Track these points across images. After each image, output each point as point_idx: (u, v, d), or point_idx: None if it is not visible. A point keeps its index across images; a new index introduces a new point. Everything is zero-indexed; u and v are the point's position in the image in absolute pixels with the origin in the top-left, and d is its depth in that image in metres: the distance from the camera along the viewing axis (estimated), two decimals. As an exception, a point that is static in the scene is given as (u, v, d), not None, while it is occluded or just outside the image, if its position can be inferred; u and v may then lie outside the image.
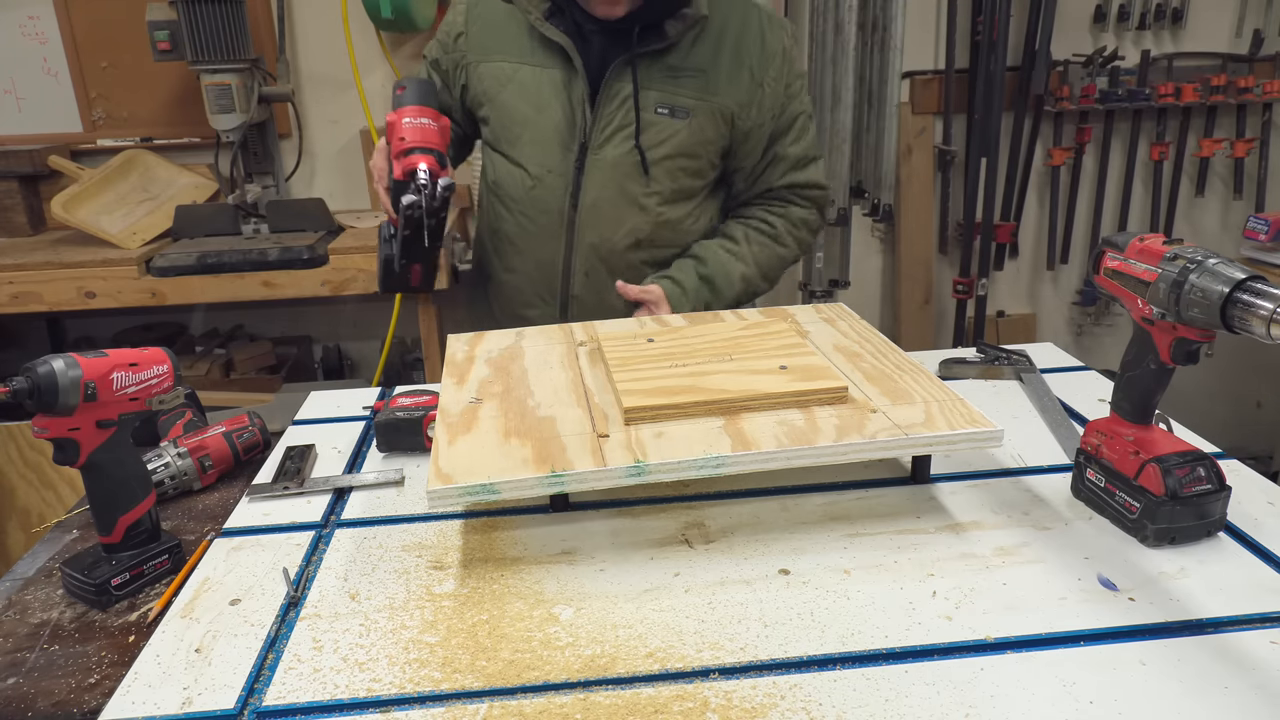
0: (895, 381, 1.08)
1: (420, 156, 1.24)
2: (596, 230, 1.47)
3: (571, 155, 1.45)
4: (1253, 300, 0.77)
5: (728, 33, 1.44)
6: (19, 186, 2.54)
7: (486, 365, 1.21)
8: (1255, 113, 2.90)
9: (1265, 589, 0.85)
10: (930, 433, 0.95)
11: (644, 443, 0.96)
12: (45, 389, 0.85)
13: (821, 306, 1.40)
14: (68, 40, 2.61)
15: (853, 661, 0.78)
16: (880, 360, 1.15)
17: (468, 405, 1.08)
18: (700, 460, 0.92)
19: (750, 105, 1.46)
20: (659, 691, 0.75)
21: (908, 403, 1.02)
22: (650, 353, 1.16)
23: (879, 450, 0.95)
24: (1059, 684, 0.74)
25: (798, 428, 0.97)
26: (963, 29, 2.75)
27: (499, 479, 0.91)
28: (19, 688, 0.81)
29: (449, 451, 0.97)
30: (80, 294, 2.28)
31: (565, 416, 1.03)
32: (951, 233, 2.98)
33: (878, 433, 0.95)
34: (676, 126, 1.43)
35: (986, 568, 0.90)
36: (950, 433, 0.95)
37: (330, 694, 0.76)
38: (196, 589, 0.92)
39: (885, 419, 0.98)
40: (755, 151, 1.51)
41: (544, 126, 1.45)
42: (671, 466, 0.92)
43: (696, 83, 1.43)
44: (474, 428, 1.02)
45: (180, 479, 1.13)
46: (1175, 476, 0.91)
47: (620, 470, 0.91)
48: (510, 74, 1.46)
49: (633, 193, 1.45)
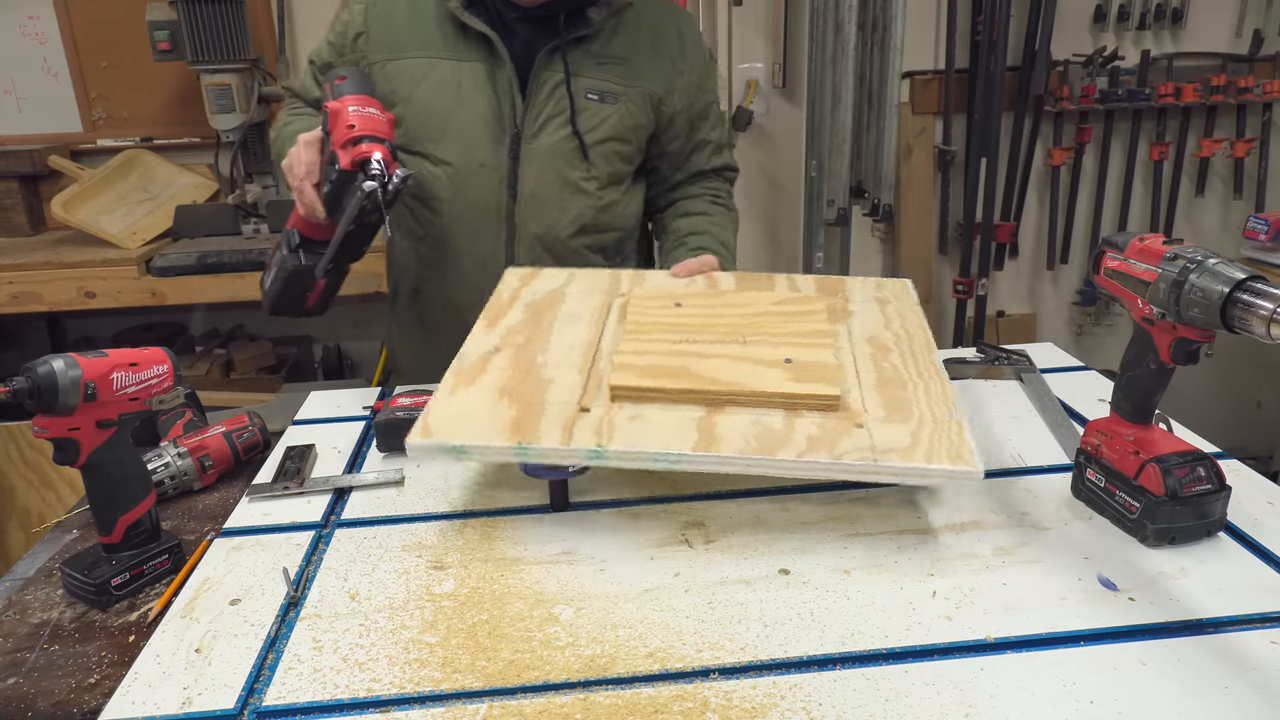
0: (904, 390, 1.02)
1: (372, 145, 1.15)
2: (540, 219, 1.46)
3: (504, 146, 1.43)
4: (1253, 300, 0.77)
5: (644, 24, 1.48)
6: (19, 186, 2.54)
7: (524, 309, 1.23)
8: (1255, 113, 2.90)
9: (1265, 589, 0.85)
10: (902, 463, 0.89)
11: (615, 425, 0.96)
12: (45, 389, 0.85)
13: (885, 282, 1.33)
14: (68, 40, 2.60)
15: (853, 661, 0.78)
16: (904, 361, 1.09)
17: (484, 353, 1.11)
18: (657, 454, 0.92)
19: (672, 92, 1.50)
20: (659, 691, 0.75)
21: (902, 420, 0.96)
22: (670, 319, 1.16)
23: (841, 472, 0.90)
24: (1059, 684, 0.74)
25: (770, 434, 0.94)
26: (963, 29, 2.75)
27: (470, 442, 0.94)
28: (19, 688, 0.81)
29: (446, 403, 1.01)
30: (80, 294, 2.28)
31: (562, 381, 1.04)
32: (951, 233, 2.98)
33: (845, 454, 0.90)
34: (607, 111, 1.45)
35: (986, 568, 0.90)
36: (925, 466, 0.88)
37: (330, 694, 0.76)
38: (196, 589, 0.92)
39: (865, 437, 0.93)
40: (679, 136, 1.55)
41: (468, 120, 1.42)
42: (630, 455, 0.92)
43: (621, 69, 1.45)
44: (478, 380, 1.05)
45: (180, 479, 1.13)
46: (1175, 476, 0.91)
47: (581, 451, 0.93)
48: (426, 69, 1.42)
49: (572, 178, 1.46)
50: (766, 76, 2.80)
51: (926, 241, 2.97)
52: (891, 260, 3.02)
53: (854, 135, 2.68)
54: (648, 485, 1.07)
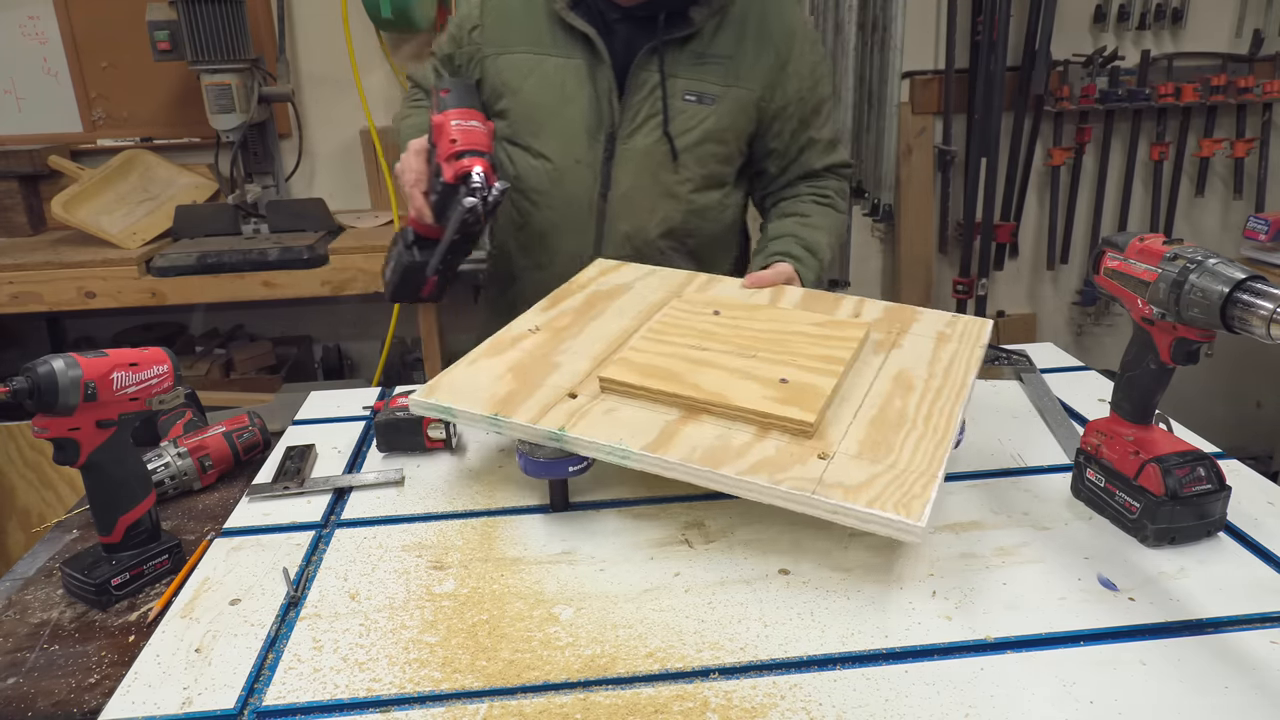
0: (895, 433, 0.94)
1: (473, 160, 1.22)
2: (630, 219, 1.47)
3: (599, 145, 1.44)
4: (1253, 300, 0.77)
5: (750, 18, 1.45)
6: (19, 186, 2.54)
7: (585, 297, 1.29)
8: (1255, 113, 2.90)
9: (1265, 589, 0.85)
10: (840, 502, 0.83)
11: (588, 414, 0.99)
12: (45, 389, 0.85)
13: (961, 319, 1.20)
14: (68, 40, 2.61)
15: (853, 661, 0.78)
16: (920, 404, 1.00)
17: (523, 331, 1.18)
18: (609, 446, 0.94)
19: (775, 88, 1.46)
20: (659, 691, 0.75)
21: (871, 460, 0.89)
22: (697, 325, 1.15)
23: (775, 498, 0.86)
24: (1059, 684, 0.74)
25: (725, 449, 0.92)
26: (963, 29, 2.75)
27: (458, 406, 1.01)
28: (19, 688, 0.81)
29: (463, 370, 1.09)
30: (80, 294, 2.28)
31: (569, 368, 1.08)
32: (951, 233, 2.98)
33: (786, 481, 0.86)
34: (704, 113, 1.44)
35: (986, 568, 0.90)
36: (862, 509, 0.82)
37: (330, 694, 0.76)
38: (196, 589, 0.92)
39: (818, 469, 0.88)
40: (784, 133, 1.50)
41: (570, 117, 1.44)
42: (585, 444, 0.95)
43: (722, 69, 1.43)
44: (503, 354, 1.12)
45: (180, 479, 1.13)
46: (1175, 476, 0.91)
47: (542, 432, 0.97)
48: (533, 65, 1.45)
49: (665, 181, 1.46)
50: (766, 76, 2.80)
51: (926, 241, 2.97)
52: (891, 260, 3.02)
53: (854, 135, 2.68)
54: (648, 485, 1.07)
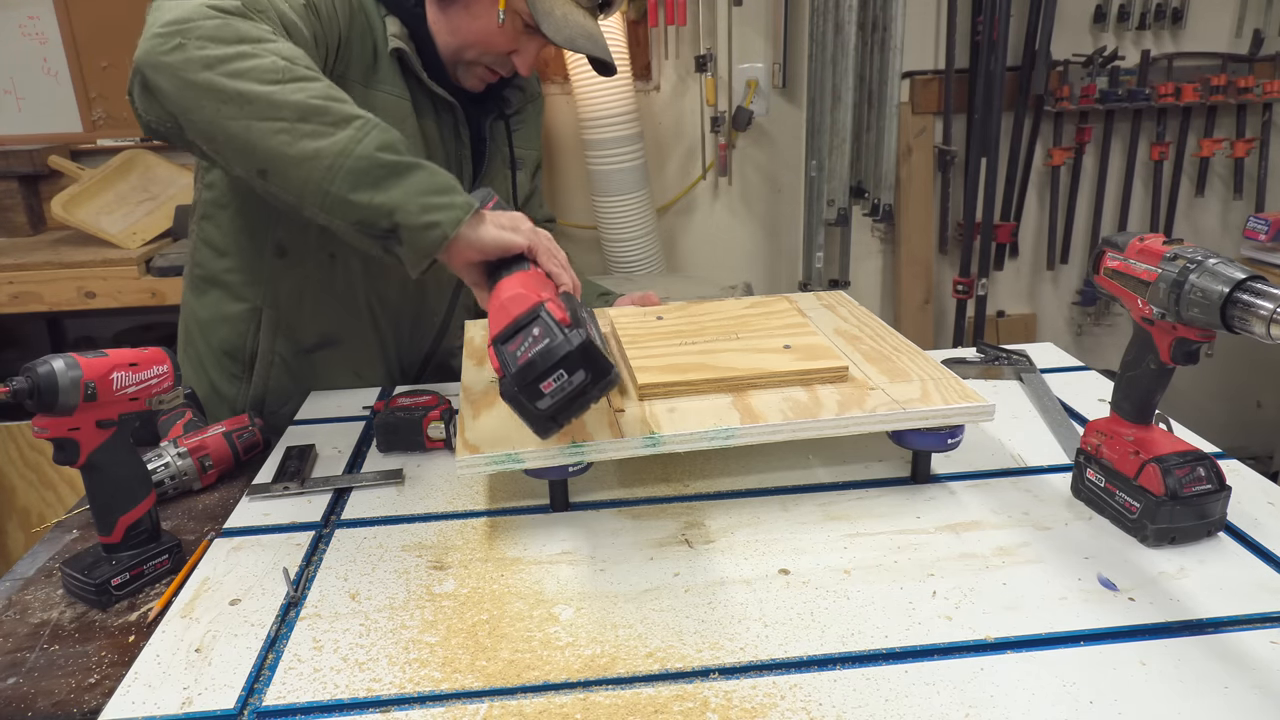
0: (893, 361, 1.13)
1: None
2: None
3: None
4: (1253, 300, 0.77)
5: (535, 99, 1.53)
6: (19, 186, 2.54)
7: None
8: (1255, 113, 2.90)
9: (1265, 589, 0.85)
10: (927, 407, 0.99)
11: (658, 417, 1.00)
12: (45, 389, 0.85)
13: (822, 294, 1.45)
14: (68, 40, 2.61)
15: (853, 661, 0.78)
16: (878, 343, 1.20)
17: (489, 383, 1.12)
18: (711, 432, 0.96)
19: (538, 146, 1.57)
20: (659, 691, 0.75)
21: (905, 380, 1.06)
22: (660, 330, 1.21)
23: (879, 423, 0.99)
24: (1059, 684, 0.74)
25: (802, 403, 1.01)
26: (963, 29, 2.75)
27: (523, 449, 0.95)
28: (19, 688, 0.81)
29: (474, 425, 1.02)
30: (80, 294, 2.28)
31: None
32: (951, 233, 2.98)
33: (877, 407, 0.99)
34: (521, 179, 1.50)
35: (986, 568, 0.90)
36: (945, 407, 0.99)
37: (330, 694, 0.76)
38: (196, 589, 0.92)
39: (884, 395, 1.03)
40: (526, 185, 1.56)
41: None
42: (684, 438, 0.96)
43: (521, 135, 1.49)
44: (496, 404, 1.06)
45: (180, 479, 1.13)
46: (1175, 476, 0.91)
47: (636, 441, 0.95)
48: (402, 117, 1.27)
49: None
50: (766, 76, 2.81)
51: (926, 241, 2.97)
52: (891, 260, 3.02)
53: (854, 135, 2.68)
54: (648, 485, 1.08)
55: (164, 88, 0.97)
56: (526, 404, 0.83)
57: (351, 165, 0.95)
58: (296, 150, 0.95)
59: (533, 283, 0.93)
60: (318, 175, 0.96)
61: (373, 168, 0.96)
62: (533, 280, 0.94)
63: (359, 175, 0.96)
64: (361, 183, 0.96)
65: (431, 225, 0.97)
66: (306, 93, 0.96)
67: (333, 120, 0.96)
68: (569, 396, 0.83)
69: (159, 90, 0.97)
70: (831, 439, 1.05)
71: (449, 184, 0.99)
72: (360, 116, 0.98)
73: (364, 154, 0.96)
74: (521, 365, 0.82)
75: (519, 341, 0.84)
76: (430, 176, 0.99)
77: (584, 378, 0.82)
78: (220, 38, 0.96)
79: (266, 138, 0.95)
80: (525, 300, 0.86)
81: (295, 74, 0.97)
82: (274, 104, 0.95)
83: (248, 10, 1.01)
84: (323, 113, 0.96)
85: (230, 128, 0.96)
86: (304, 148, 0.95)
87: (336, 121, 0.96)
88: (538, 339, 0.83)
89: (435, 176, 0.99)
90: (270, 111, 0.95)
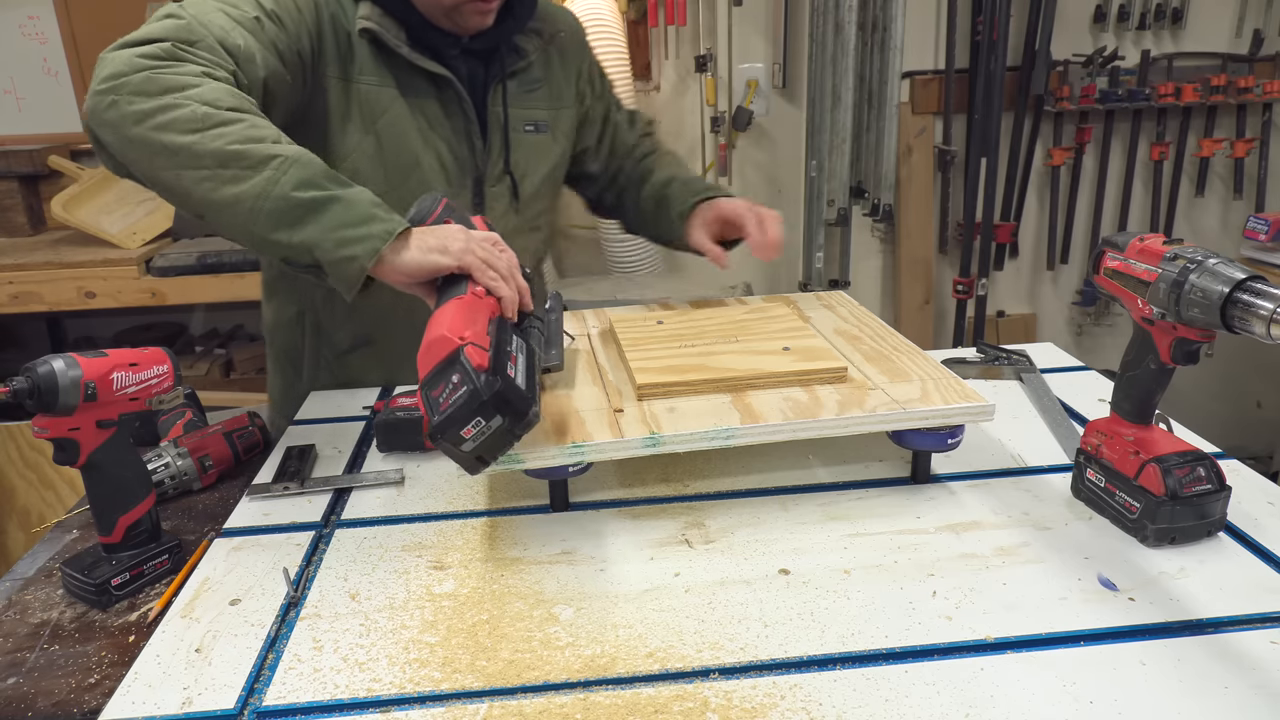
0: (893, 361, 1.13)
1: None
2: None
3: (467, 192, 1.34)
4: (1253, 300, 0.77)
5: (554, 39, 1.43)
6: (19, 186, 2.54)
7: None
8: (1255, 113, 2.90)
9: (1265, 589, 0.85)
10: (927, 407, 1.00)
11: (657, 416, 1.00)
12: (45, 389, 0.85)
13: (822, 294, 1.46)
14: (68, 40, 2.61)
15: (853, 661, 0.78)
16: (878, 343, 1.21)
17: None
18: (711, 432, 0.96)
19: (583, 97, 1.49)
20: (659, 691, 0.75)
21: (905, 380, 1.07)
22: (660, 333, 1.22)
23: (879, 423, 0.99)
24: (1059, 684, 0.74)
25: (801, 403, 1.02)
26: (963, 29, 2.75)
27: (522, 450, 0.94)
28: (19, 688, 0.81)
29: None
30: (80, 294, 2.29)
31: (581, 393, 1.08)
32: (951, 233, 2.98)
33: (877, 407, 1.00)
34: (543, 141, 1.42)
35: (986, 568, 0.90)
36: (945, 407, 1.00)
37: (330, 694, 0.76)
38: (196, 589, 0.92)
39: (884, 395, 1.03)
40: (594, 131, 1.53)
41: (431, 165, 1.30)
42: (684, 438, 0.96)
43: (543, 93, 1.41)
44: None
45: (180, 479, 1.13)
46: (1175, 476, 0.91)
47: (636, 441, 0.96)
48: (386, 104, 1.24)
49: (530, 216, 1.43)
50: (766, 76, 2.81)
51: (926, 241, 2.97)
52: (891, 260, 3.02)
53: (854, 135, 2.68)
54: (648, 485, 1.08)
55: (108, 142, 1.01)
56: (451, 448, 0.85)
57: (270, 208, 0.97)
58: (219, 196, 0.98)
59: (462, 316, 0.91)
60: (241, 219, 0.98)
61: (290, 208, 0.97)
62: (464, 311, 0.92)
63: (278, 216, 0.97)
64: (281, 223, 0.98)
65: (349, 259, 0.97)
66: (225, 139, 0.98)
67: (250, 164, 0.97)
68: (491, 439, 0.84)
69: (106, 144, 1.02)
70: (831, 439, 1.05)
71: (366, 214, 0.98)
72: (277, 156, 0.98)
73: (280, 195, 0.97)
74: (442, 413, 0.83)
75: (440, 388, 0.84)
76: (346, 209, 0.98)
77: (501, 422, 0.83)
78: (146, 91, 0.98)
79: (195, 186, 0.98)
80: (446, 344, 0.86)
81: (215, 119, 0.98)
82: (195, 154, 0.97)
83: (179, 48, 1.03)
84: (240, 158, 0.97)
85: (164, 178, 1.00)
86: (225, 194, 0.98)
87: (254, 164, 0.97)
88: (456, 386, 0.83)
89: (352, 208, 0.99)
90: (193, 161, 0.97)
